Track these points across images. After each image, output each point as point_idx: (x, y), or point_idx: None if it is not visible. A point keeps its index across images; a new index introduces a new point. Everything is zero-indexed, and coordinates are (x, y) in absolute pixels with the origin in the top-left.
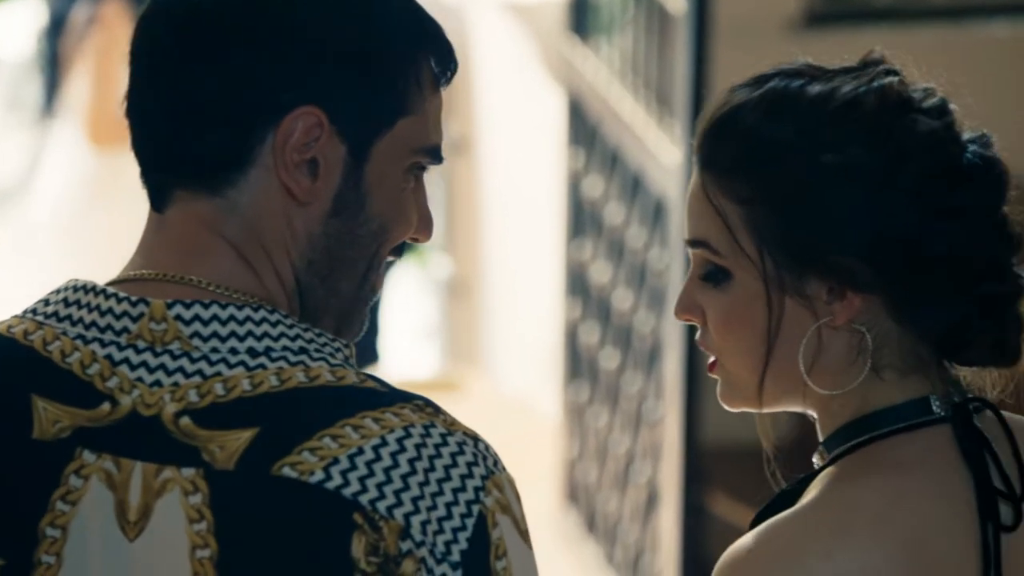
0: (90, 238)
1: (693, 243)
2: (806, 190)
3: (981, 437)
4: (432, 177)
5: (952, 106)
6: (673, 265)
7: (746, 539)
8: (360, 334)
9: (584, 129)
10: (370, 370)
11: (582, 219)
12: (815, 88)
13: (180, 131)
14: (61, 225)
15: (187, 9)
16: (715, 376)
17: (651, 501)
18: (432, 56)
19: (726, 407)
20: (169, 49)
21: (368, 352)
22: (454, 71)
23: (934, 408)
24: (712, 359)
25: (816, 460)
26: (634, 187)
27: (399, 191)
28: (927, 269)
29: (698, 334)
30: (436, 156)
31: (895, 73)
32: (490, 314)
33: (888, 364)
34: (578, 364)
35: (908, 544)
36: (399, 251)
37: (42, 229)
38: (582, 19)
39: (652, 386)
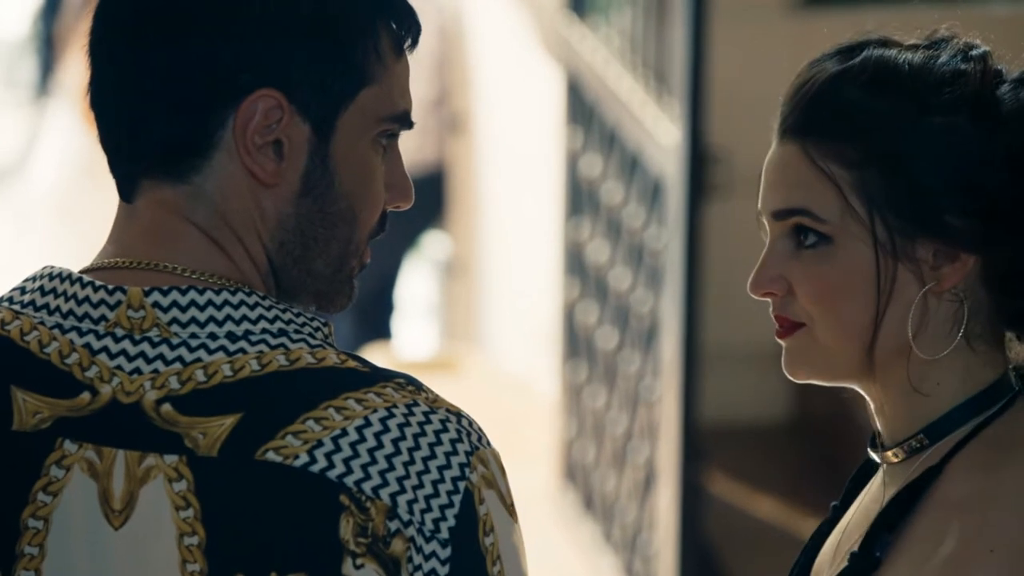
0: (86, 217)
1: (788, 212)
2: (918, 152)
3: None
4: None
5: None
6: (671, 244)
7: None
8: (346, 307)
9: (582, 108)
10: (383, 347)
11: (580, 198)
12: (914, 57)
13: (140, 120)
14: (57, 203)
15: None
16: (789, 343)
17: (649, 480)
18: (391, 22)
19: (792, 377)
20: (125, 38)
21: (383, 329)
22: (417, 34)
23: (1013, 382)
24: (786, 325)
25: (897, 453)
26: (632, 166)
27: (369, 162)
28: None
29: (776, 305)
30: (404, 122)
31: (980, 46)
32: (488, 293)
33: (979, 335)
34: (576, 343)
35: None
36: (382, 223)
37: (38, 207)
38: None
39: (650, 365)
